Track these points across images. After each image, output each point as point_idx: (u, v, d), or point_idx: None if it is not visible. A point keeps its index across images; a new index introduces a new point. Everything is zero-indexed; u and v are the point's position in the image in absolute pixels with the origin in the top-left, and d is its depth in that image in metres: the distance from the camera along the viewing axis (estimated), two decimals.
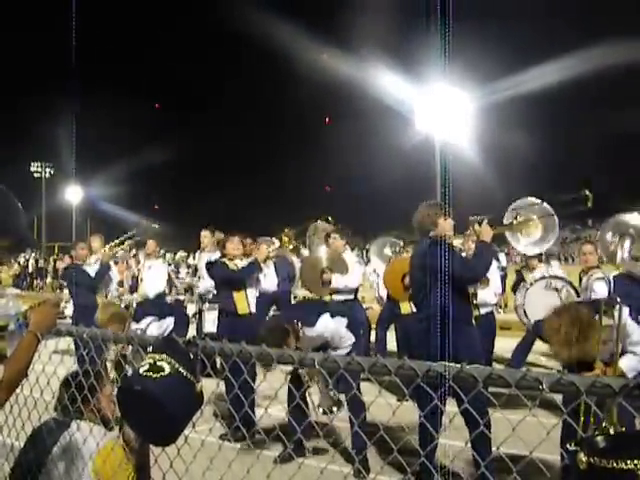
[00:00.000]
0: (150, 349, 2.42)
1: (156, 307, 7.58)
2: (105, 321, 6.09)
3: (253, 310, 6.77)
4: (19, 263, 24.01)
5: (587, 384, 1.57)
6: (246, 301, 6.68)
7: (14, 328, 2.62)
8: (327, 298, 7.57)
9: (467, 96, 24.54)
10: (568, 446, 1.46)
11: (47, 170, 54.80)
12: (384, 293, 8.98)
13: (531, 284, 7.73)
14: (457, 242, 5.25)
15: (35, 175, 54.59)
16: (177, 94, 58.32)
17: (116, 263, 8.99)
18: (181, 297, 10.11)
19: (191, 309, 9.77)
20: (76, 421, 3.06)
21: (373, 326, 9.21)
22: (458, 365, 1.73)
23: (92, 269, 8.54)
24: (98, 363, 2.98)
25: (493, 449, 3.66)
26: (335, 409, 4.46)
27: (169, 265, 11.28)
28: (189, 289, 10.63)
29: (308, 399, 4.72)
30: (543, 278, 7.48)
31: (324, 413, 4.38)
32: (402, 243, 8.53)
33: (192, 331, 9.35)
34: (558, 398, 2.65)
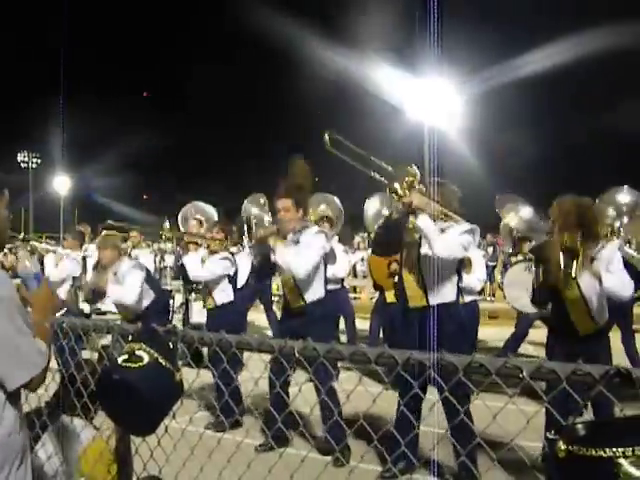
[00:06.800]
0: (130, 338, 2.40)
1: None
2: (103, 244, 6.45)
3: (226, 300, 6.48)
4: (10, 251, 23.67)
5: (567, 372, 1.55)
6: (209, 295, 6.49)
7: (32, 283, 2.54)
8: None
9: (457, 87, 24.54)
10: (548, 434, 1.44)
11: (34, 160, 54.31)
12: None
13: (511, 265, 7.77)
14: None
15: (22, 165, 54.10)
16: (167, 83, 57.94)
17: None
18: (168, 287, 10.05)
19: (178, 299, 9.74)
20: (59, 413, 3.04)
21: (362, 315, 9.21)
22: (437, 354, 1.72)
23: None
24: (78, 354, 2.94)
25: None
26: None
27: (155, 255, 11.21)
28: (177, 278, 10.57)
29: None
30: (524, 260, 7.47)
31: None
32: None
33: (178, 322, 9.33)
34: (541, 385, 2.64)
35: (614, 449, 1.31)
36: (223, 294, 6.44)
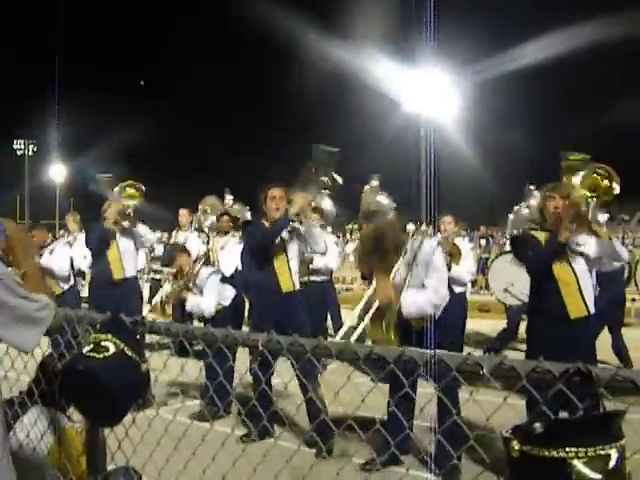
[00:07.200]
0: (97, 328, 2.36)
1: None
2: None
3: (230, 298, 6.55)
4: None
5: (527, 369, 1.53)
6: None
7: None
8: (304, 279, 7.45)
9: (453, 78, 24.46)
10: (504, 432, 1.41)
11: (30, 147, 54.03)
12: None
13: (497, 257, 7.70)
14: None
15: (18, 153, 53.84)
16: (163, 73, 57.77)
17: None
18: (158, 276, 9.97)
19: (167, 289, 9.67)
20: (32, 402, 3.00)
21: (354, 306, 9.16)
22: (400, 348, 1.69)
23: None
24: (74, 346, 2.89)
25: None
26: None
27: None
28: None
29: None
30: (510, 252, 7.41)
31: None
32: None
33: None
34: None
35: (567, 449, 1.28)
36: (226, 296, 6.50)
